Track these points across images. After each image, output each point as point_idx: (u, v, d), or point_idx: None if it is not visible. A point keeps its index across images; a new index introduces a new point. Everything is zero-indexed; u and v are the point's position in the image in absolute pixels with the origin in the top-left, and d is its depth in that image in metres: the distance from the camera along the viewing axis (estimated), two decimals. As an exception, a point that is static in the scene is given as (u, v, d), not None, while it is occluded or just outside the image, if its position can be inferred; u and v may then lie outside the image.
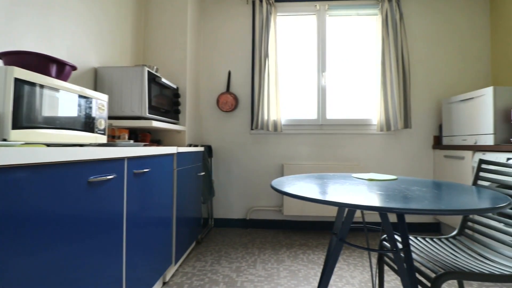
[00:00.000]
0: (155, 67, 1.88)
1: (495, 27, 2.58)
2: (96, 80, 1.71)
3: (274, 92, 2.54)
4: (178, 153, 1.66)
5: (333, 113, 2.67)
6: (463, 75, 2.62)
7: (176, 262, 1.67)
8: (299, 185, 0.94)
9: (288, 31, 2.72)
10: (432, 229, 2.58)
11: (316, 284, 1.60)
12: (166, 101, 1.95)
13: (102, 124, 1.28)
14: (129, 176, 1.11)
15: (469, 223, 1.18)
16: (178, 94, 2.09)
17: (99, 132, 1.25)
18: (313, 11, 2.69)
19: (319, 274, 1.71)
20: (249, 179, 2.66)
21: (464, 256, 1.00)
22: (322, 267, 1.81)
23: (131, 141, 1.44)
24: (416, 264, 1.22)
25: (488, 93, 2.00)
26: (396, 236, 1.13)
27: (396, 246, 0.85)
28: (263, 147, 2.66)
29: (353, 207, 0.63)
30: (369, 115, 2.64)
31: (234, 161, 2.67)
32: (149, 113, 1.67)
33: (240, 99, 2.68)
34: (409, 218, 2.60)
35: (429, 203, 0.67)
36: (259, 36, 2.58)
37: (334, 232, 1.02)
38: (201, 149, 2.14)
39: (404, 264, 0.89)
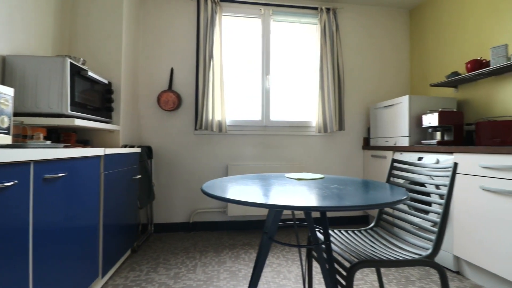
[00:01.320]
0: (81, 59, 1.69)
1: (413, 43, 2.99)
2: (4, 71, 1.45)
3: (219, 92, 2.51)
4: (106, 155, 1.52)
5: (276, 115, 2.76)
6: (388, 84, 2.98)
7: (104, 275, 1.52)
8: (229, 187, 0.94)
9: (235, 33, 2.73)
10: (363, 222, 2.87)
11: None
12: (97, 98, 1.77)
13: (5, 122, 1.09)
14: (36, 182, 0.97)
15: (384, 215, 1.33)
16: (111, 90, 1.92)
17: (1, 131, 1.07)
18: (258, 14, 2.74)
19: (258, 273, 1.74)
20: (193, 181, 2.59)
21: (378, 246, 1.13)
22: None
23: (48, 142, 1.26)
24: (337, 256, 1.32)
25: (404, 100, 2.30)
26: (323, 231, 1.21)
27: (317, 241, 0.91)
28: (207, 148, 2.61)
29: (261, 206, 0.66)
30: (309, 117, 2.81)
31: (177, 162, 2.56)
32: (72, 110, 1.49)
33: (183, 98, 2.59)
34: (341, 213, 2.84)
35: (339, 200, 0.73)
36: (203, 35, 2.53)
37: (265, 231, 1.04)
38: (137, 150, 2.00)
39: (325, 255, 0.95)
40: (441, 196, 1.09)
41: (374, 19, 2.97)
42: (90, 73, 1.64)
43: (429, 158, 1.94)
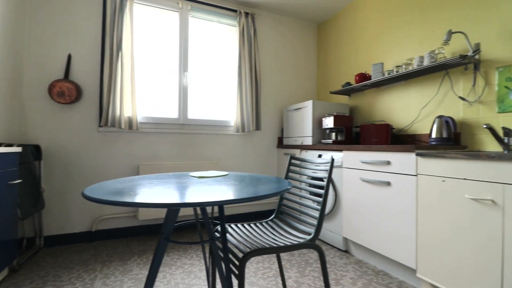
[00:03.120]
0: None
1: (319, 55, 3.40)
2: None
3: (129, 86, 2.31)
4: (-39, 155, 1.20)
5: (195, 113, 2.71)
6: (300, 89, 3.30)
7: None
8: (117, 188, 0.88)
9: (150, 24, 2.55)
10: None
11: (163, 287, 1.56)
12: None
13: None
14: None
15: (283, 207, 1.47)
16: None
17: None
18: (175, 7, 2.64)
19: (168, 277, 1.68)
20: (97, 184, 2.30)
21: (273, 235, 1.23)
22: (173, 268, 1.80)
23: None
24: (234, 248, 1.39)
25: (309, 105, 2.59)
26: (220, 226, 1.25)
27: (213, 236, 0.93)
28: (115, 147, 2.36)
29: (137, 206, 0.64)
30: (228, 117, 2.87)
31: (76, 163, 2.24)
32: None
33: (84, 90, 2.27)
34: (253, 208, 3.00)
35: (227, 195, 0.76)
36: (111, 20, 2.27)
37: (162, 231, 1.01)
38: (16, 149, 1.65)
39: (221, 248, 0.99)
40: (321, 187, 1.26)
41: (291, 29, 3.24)
42: None
43: (326, 155, 2.24)
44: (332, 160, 1.21)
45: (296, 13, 3.15)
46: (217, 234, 1.17)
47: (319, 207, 1.20)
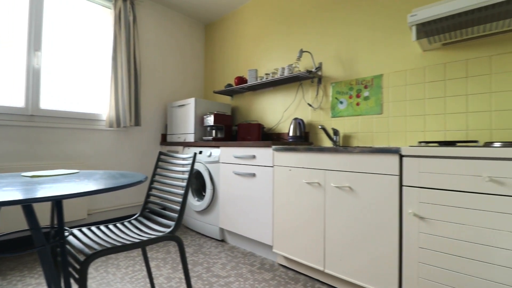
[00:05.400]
0: None
1: (207, 55, 3.47)
2: None
3: None
4: None
5: (51, 103, 2.25)
6: (188, 86, 3.27)
7: None
8: None
9: (-26, -20, 1.92)
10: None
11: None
12: None
13: None
14: None
15: (150, 204, 1.44)
16: None
17: None
18: (21, -31, 2.10)
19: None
20: None
21: (133, 233, 1.19)
22: (6, 293, 1.45)
23: None
24: (78, 254, 1.29)
25: (192, 102, 2.62)
26: (58, 229, 1.11)
27: (44, 242, 0.82)
28: None
29: None
30: (99, 109, 2.53)
31: None
32: None
33: None
34: (128, 211, 2.80)
35: (56, 191, 0.68)
36: None
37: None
38: None
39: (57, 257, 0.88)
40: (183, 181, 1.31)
41: (177, 25, 3.16)
42: None
43: (206, 152, 2.33)
44: (195, 155, 1.28)
45: (183, 9, 3.11)
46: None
47: (179, 199, 1.25)
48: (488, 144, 1.19)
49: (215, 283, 1.58)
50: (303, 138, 2.21)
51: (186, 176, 1.25)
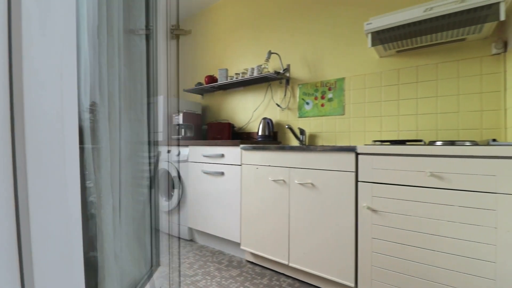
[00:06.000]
0: None
1: (180, 52, 3.41)
2: None
3: None
4: None
5: None
6: (158, 83, 3.18)
7: None
8: None
9: None
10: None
11: None
12: None
13: None
14: None
15: (113, 204, 1.39)
16: None
17: None
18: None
19: None
20: None
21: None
22: None
23: None
24: None
25: (160, 100, 2.56)
26: None
27: None
28: None
29: None
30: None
31: None
32: None
33: None
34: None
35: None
36: None
37: None
38: None
39: None
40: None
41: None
42: None
43: (175, 151, 2.30)
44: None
45: None
46: None
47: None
48: (431, 143, 1.32)
49: (181, 282, 1.57)
50: (272, 138, 2.26)
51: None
